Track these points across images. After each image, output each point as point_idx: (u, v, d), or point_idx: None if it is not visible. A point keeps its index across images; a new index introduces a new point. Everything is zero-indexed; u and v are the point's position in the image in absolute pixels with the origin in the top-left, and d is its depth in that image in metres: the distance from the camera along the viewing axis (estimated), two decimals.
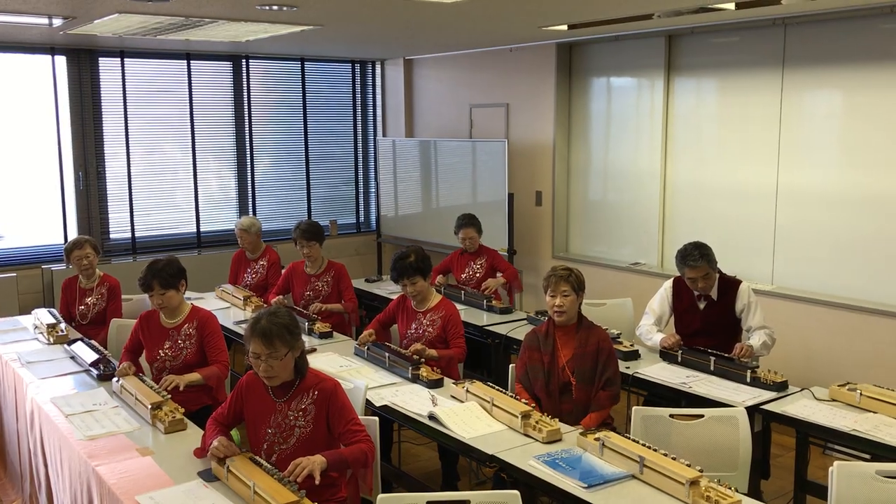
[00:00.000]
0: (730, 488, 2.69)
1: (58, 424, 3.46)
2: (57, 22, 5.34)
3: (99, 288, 5.20)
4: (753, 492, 3.47)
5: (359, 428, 3.00)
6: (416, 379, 3.97)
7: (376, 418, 3.32)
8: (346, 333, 5.17)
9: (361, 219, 8.86)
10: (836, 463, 2.79)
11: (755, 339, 4.22)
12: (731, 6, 4.82)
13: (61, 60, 6.88)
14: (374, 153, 8.64)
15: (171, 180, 7.60)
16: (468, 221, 5.85)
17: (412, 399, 3.72)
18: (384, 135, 8.76)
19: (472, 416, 3.47)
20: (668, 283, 4.55)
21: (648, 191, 6.41)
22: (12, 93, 6.77)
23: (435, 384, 3.90)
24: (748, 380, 3.85)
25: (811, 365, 5.22)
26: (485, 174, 7.18)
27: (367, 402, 3.66)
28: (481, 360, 5.23)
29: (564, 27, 5.87)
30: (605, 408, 3.67)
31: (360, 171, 8.78)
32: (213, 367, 3.93)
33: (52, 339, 4.71)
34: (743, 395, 3.70)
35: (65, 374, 4.15)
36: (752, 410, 3.55)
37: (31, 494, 4.07)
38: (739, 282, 4.39)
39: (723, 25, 5.70)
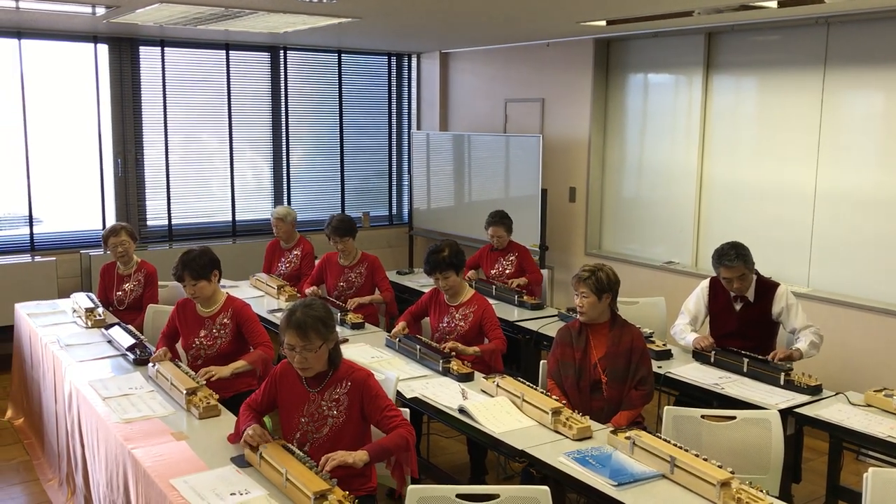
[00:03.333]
0: (761, 491, 2.67)
1: (95, 407, 3.53)
2: (100, 11, 5.43)
3: (136, 274, 5.28)
4: (784, 496, 3.44)
5: (395, 413, 3.03)
6: (446, 372, 3.98)
7: (406, 410, 3.33)
8: (377, 325, 5.20)
9: (394, 211, 8.89)
10: (871, 469, 2.75)
11: (802, 342, 4.14)
12: (774, 4, 4.76)
13: (103, 49, 6.98)
14: (408, 146, 8.66)
15: (207, 169, 7.68)
16: (498, 220, 5.82)
17: (442, 392, 3.74)
18: (418, 128, 8.78)
19: (502, 410, 3.47)
20: (705, 283, 4.51)
21: (684, 189, 6.35)
22: (56, 80, 6.89)
23: (465, 378, 3.91)
24: (782, 382, 3.81)
25: (847, 369, 5.15)
26: (518, 169, 7.17)
27: (398, 394, 3.68)
28: (512, 355, 5.23)
29: (603, 23, 5.84)
30: (636, 407, 3.66)
31: (394, 164, 8.81)
32: (257, 350, 3.98)
33: (89, 324, 4.80)
34: (776, 398, 3.67)
35: (102, 357, 4.23)
36: (785, 413, 3.52)
37: (67, 474, 4.15)
38: (777, 284, 4.33)
39: (764, 24, 5.63)
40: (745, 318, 4.33)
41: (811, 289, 5.50)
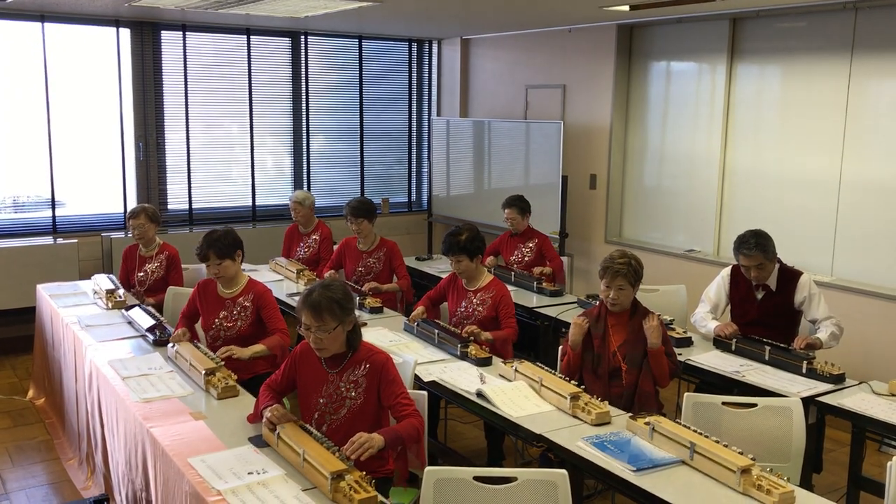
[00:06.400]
0: (782, 478, 2.64)
1: (114, 386, 3.55)
2: None
3: (158, 256, 5.31)
4: (805, 486, 3.40)
5: (408, 402, 3.02)
6: (464, 356, 3.97)
7: (424, 392, 3.33)
8: (395, 309, 5.20)
9: (413, 198, 8.88)
10: (894, 459, 2.71)
11: (823, 332, 4.09)
12: None
13: (125, 33, 7.00)
14: (428, 132, 8.64)
15: (228, 154, 7.70)
16: (511, 202, 5.77)
17: (460, 376, 3.73)
18: (439, 114, 8.75)
19: (521, 395, 3.46)
20: (726, 271, 4.46)
21: (706, 177, 6.29)
22: (78, 64, 6.91)
23: (483, 362, 3.90)
24: (804, 371, 3.77)
25: (870, 359, 5.09)
26: (539, 156, 7.13)
27: (416, 378, 3.68)
28: (530, 342, 5.21)
29: (626, 8, 5.77)
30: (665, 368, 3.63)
31: (414, 150, 8.79)
32: (274, 336, 3.98)
33: (110, 305, 4.83)
34: (798, 386, 3.63)
35: (122, 338, 4.26)
36: (807, 402, 3.47)
37: (87, 453, 4.19)
38: (800, 273, 4.27)
39: (790, 9, 5.54)
40: (766, 306, 4.28)
41: (834, 278, 5.43)
